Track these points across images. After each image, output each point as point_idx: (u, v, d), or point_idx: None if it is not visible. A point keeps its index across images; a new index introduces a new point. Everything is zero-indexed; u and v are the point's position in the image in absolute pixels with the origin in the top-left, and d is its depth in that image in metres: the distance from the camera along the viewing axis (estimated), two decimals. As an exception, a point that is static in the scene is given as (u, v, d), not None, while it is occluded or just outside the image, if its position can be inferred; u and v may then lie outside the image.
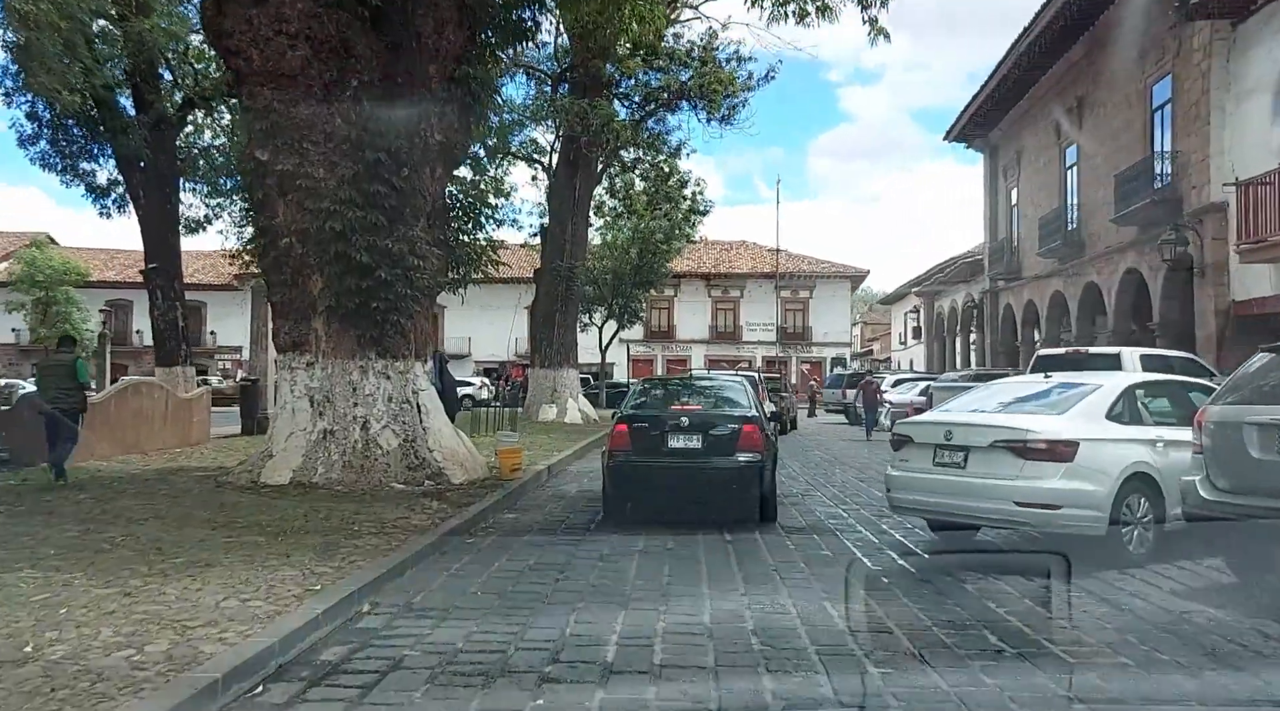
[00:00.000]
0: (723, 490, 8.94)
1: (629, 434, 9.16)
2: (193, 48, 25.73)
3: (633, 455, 9.07)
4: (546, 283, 27.13)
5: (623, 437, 9.19)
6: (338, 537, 7.38)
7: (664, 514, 9.17)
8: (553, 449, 16.77)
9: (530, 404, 27.09)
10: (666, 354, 60.98)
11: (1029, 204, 30.21)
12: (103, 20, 24.60)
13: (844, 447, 20.55)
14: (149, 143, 25.52)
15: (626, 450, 9.12)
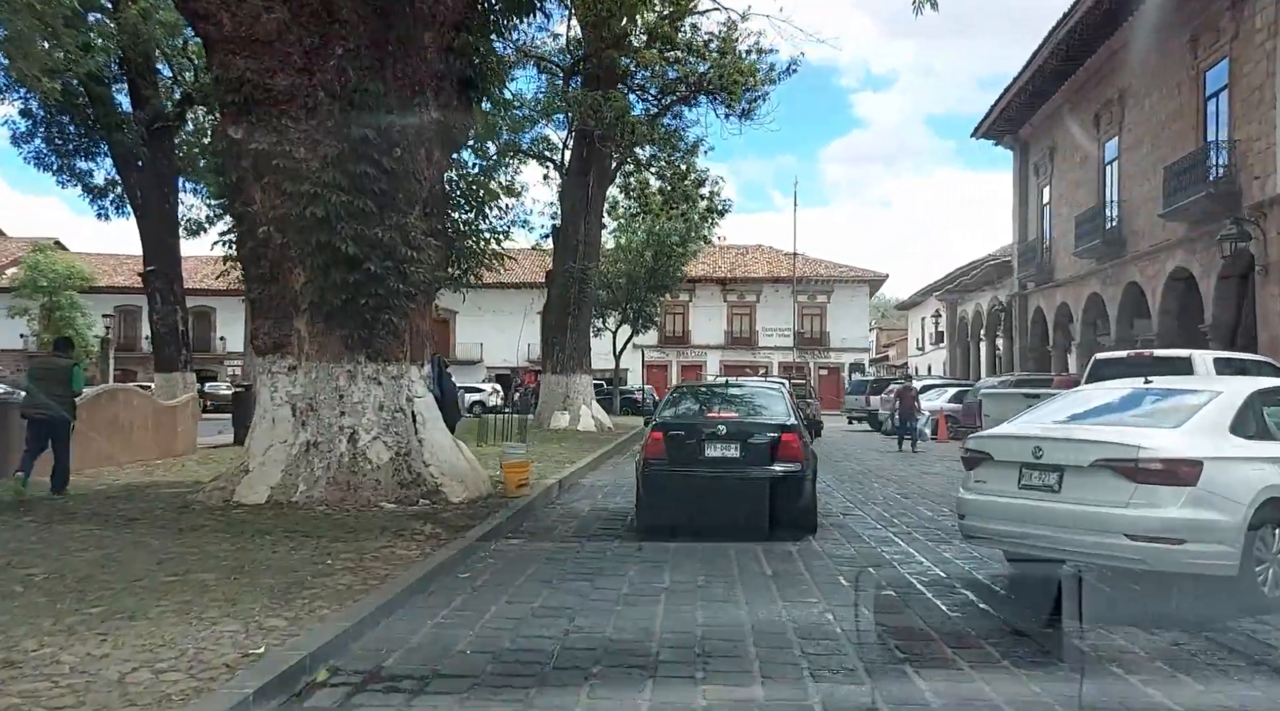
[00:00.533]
0: (762, 500, 8.53)
1: (664, 442, 8.97)
2: (192, 42, 24.64)
3: (668, 464, 8.88)
4: (558, 285, 25.92)
5: (658, 445, 8.99)
6: (304, 575, 6.15)
7: (696, 523, 8.72)
8: (564, 460, 15.54)
9: (542, 411, 25.87)
10: (681, 359, 59.72)
11: (1063, 202, 28.84)
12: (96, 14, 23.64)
13: (876, 459, 19.22)
14: (146, 140, 24.49)
15: (662, 459, 8.93)
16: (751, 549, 8.11)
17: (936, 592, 6.61)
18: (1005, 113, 31.42)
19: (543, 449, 17.64)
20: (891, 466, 17.01)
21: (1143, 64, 22.94)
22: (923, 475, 15.55)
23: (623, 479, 14.47)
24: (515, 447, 11.45)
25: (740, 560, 7.62)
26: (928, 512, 10.94)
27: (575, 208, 25.71)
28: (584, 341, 25.86)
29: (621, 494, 12.49)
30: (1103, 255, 24.87)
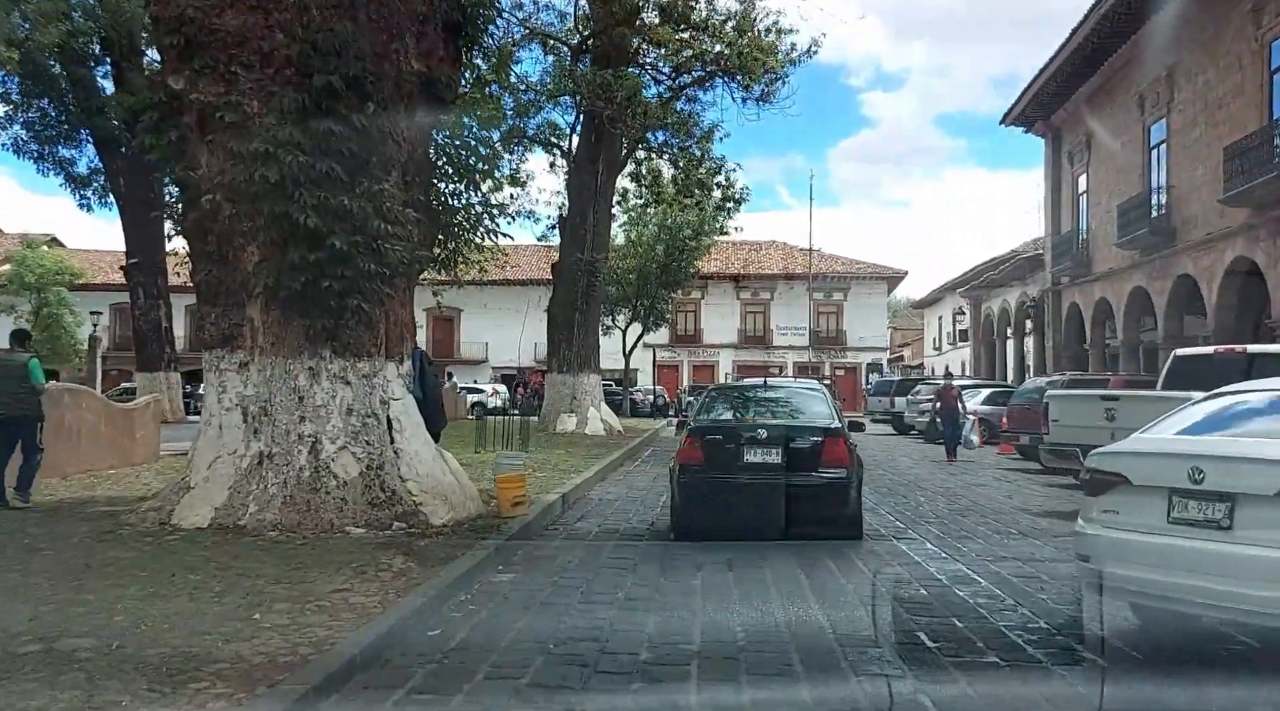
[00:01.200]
0: (806, 508, 8.18)
1: (701, 447, 8.56)
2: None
3: (705, 470, 8.44)
4: (565, 279, 24.35)
5: (694, 451, 8.57)
6: (212, 642, 4.58)
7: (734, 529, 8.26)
8: (570, 469, 13.96)
9: (547, 413, 24.32)
10: (693, 359, 58.10)
11: (1102, 191, 27.14)
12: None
13: (911, 467, 17.56)
14: (129, 125, 23.05)
15: (698, 465, 8.50)
16: (798, 587, 6.53)
17: (1055, 657, 4.99)
18: (1038, 97, 29.73)
19: (547, 456, 16.09)
20: (931, 476, 15.35)
21: (1195, 38, 21.25)
22: (971, 488, 13.91)
23: (634, 491, 12.88)
24: (511, 458, 9.88)
25: (786, 599, 6.05)
26: (992, 532, 9.33)
27: (583, 195, 24.15)
28: (592, 338, 24.30)
29: (634, 510, 10.90)
30: (1149, 246, 23.17)
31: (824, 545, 8.37)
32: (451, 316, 54.95)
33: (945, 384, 18.88)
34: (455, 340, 55.63)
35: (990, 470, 16.85)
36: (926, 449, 22.28)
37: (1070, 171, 30.15)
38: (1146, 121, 23.96)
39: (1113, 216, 26.12)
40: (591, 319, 24.24)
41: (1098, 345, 28.36)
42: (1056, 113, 30.20)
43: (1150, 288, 23.58)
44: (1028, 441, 16.58)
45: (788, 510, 8.10)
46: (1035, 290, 35.03)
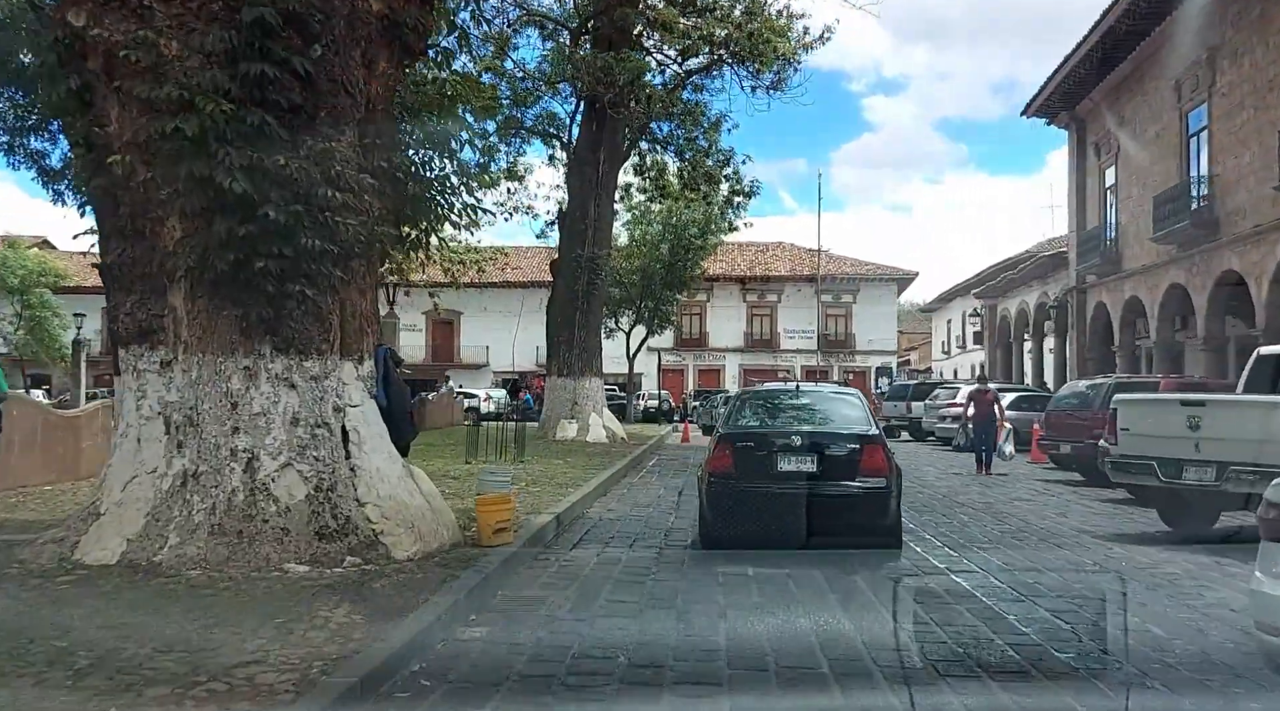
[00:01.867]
0: (843, 519, 7.94)
1: (732, 454, 8.24)
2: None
3: (736, 478, 8.12)
4: (564, 276, 22.92)
5: (725, 459, 8.23)
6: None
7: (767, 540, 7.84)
8: (567, 482, 12.51)
9: (546, 420, 22.87)
10: (698, 363, 56.62)
11: (1134, 183, 25.65)
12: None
13: (939, 477, 16.07)
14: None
15: (729, 473, 8.16)
16: (853, 651, 5.07)
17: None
18: (1062, 87, 28.27)
19: (544, 467, 14.64)
20: (965, 490, 13.84)
21: (1241, 18, 19.79)
22: (1014, 504, 12.43)
23: (638, 508, 11.41)
24: (497, 474, 8.41)
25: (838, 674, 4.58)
26: (1065, 566, 7.86)
27: (584, 188, 22.72)
28: (594, 340, 22.85)
29: (639, 532, 9.43)
30: (1189, 239, 21.68)
31: (870, 577, 6.92)
32: (451, 320, 53.58)
33: (980, 387, 17.27)
34: (455, 344, 54.20)
35: (1026, 482, 15.36)
36: (951, 457, 20.78)
37: (1096, 164, 28.66)
38: (1183, 108, 22.48)
39: (1145, 210, 24.64)
40: (593, 319, 22.80)
41: (1127, 347, 26.86)
42: (1081, 103, 28.73)
43: (1189, 285, 22.08)
44: (1069, 451, 15.09)
45: (823, 520, 7.73)
46: (1056, 290, 33.53)
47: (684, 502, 12.07)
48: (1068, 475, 16.42)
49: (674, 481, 14.96)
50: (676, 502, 12.07)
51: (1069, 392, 16.24)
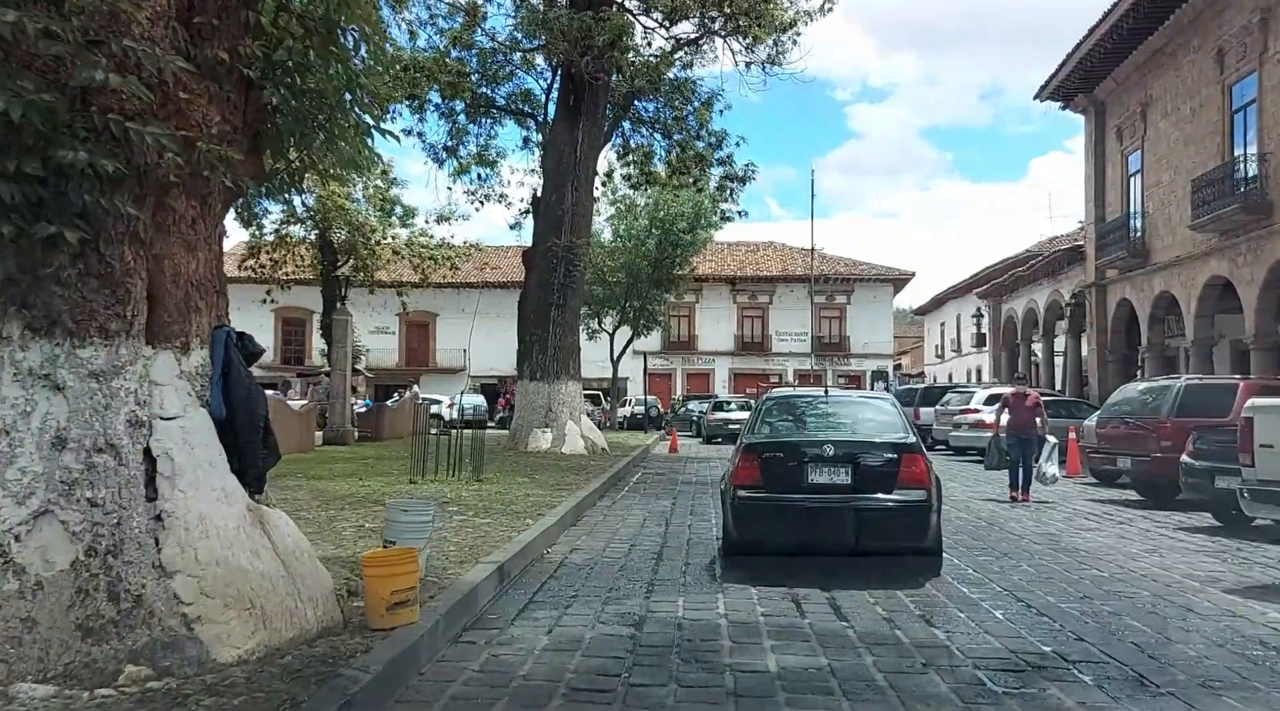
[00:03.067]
0: (880, 535, 7.39)
1: (759, 465, 7.66)
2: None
3: (764, 491, 7.57)
4: (538, 268, 20.47)
5: (751, 470, 7.66)
6: None
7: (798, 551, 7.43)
8: (528, 509, 10.06)
9: (517, 429, 20.40)
10: (687, 367, 54.24)
11: (1164, 167, 23.39)
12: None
13: (969, 499, 13.68)
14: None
15: (757, 485, 7.60)
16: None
17: None
18: (1082, 66, 26.02)
19: (502, 487, 12.19)
20: (1009, 518, 11.35)
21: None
22: (1080, 536, 10.05)
23: (615, 545, 8.95)
24: (412, 511, 5.96)
25: None
26: (1234, 659, 5.45)
27: (560, 169, 20.28)
28: (571, 338, 20.39)
29: (612, 589, 6.95)
30: (1236, 225, 19.40)
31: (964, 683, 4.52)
32: (426, 321, 51.06)
33: (1018, 389, 14.32)
34: (430, 347, 51.64)
35: (1076, 503, 13.00)
36: (974, 470, 18.43)
37: (1119, 150, 26.40)
38: (1227, 80, 20.21)
39: (1178, 196, 22.39)
40: (570, 315, 20.34)
41: (1156, 346, 24.59)
42: (1103, 83, 26.48)
43: (1235, 276, 19.81)
44: (1130, 466, 12.73)
45: (859, 537, 7.39)
46: (1069, 287, 31.30)
47: (673, 535, 9.63)
48: (1117, 492, 14.09)
49: (660, 503, 12.53)
50: (663, 536, 9.64)
51: (1123, 398, 13.85)
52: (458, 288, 50.47)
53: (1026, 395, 13.84)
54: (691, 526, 10.35)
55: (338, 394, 21.29)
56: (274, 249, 32.52)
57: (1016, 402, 13.65)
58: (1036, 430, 13.26)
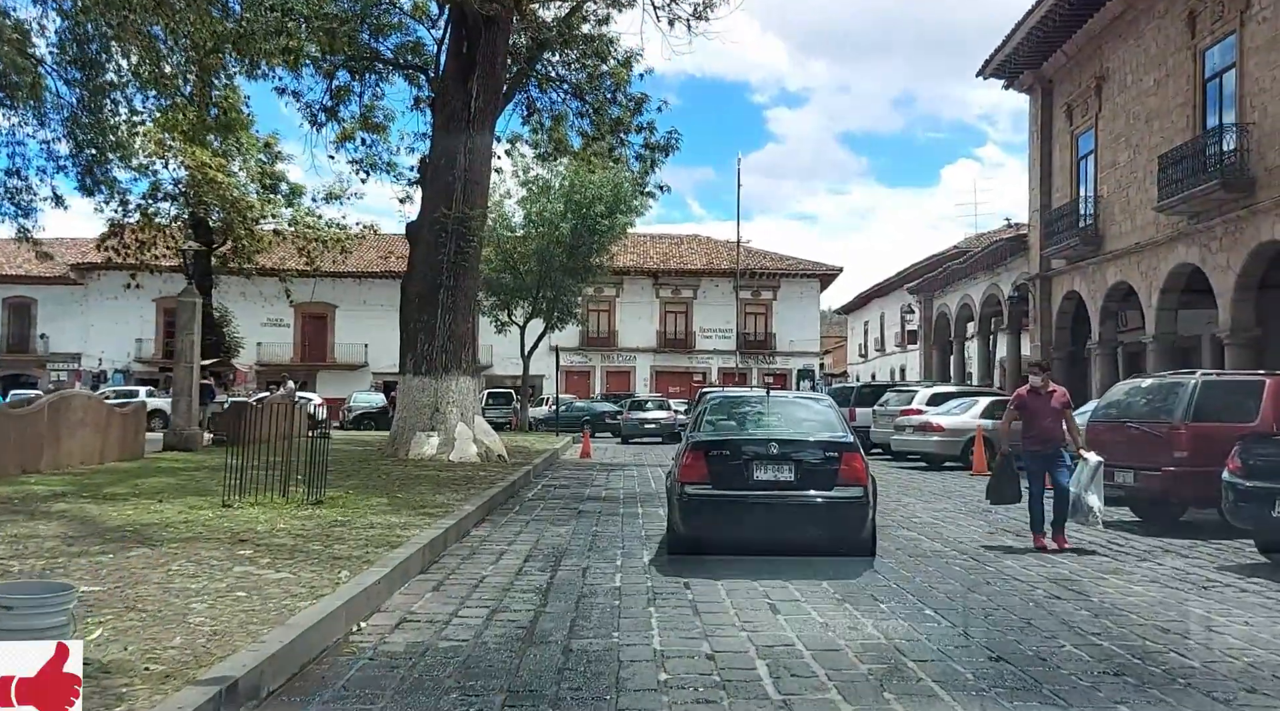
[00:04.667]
0: (820, 529, 7.82)
1: (706, 463, 7.85)
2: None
3: (710, 488, 7.77)
4: (425, 243, 17.47)
5: (698, 468, 7.84)
6: None
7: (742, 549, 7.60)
8: (357, 550, 7.15)
9: (398, 432, 17.37)
10: (606, 364, 51.45)
11: (1122, 147, 21.48)
12: None
13: (960, 535, 11.21)
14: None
15: (703, 482, 7.80)
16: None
17: None
18: (1029, 40, 24.06)
19: (348, 510, 9.32)
20: (1023, 578, 8.80)
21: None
22: (1101, 578, 7.57)
23: (474, 610, 6.10)
24: (15, 611, 3.02)
25: None
26: None
27: (451, 127, 17.30)
28: (463, 326, 17.41)
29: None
30: (1210, 206, 17.45)
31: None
32: (324, 313, 47.25)
33: (1038, 380, 9.29)
34: (328, 341, 47.80)
35: (1114, 536, 10.59)
36: (928, 480, 16.07)
37: (1068, 130, 24.50)
38: (1199, 45, 18.28)
39: (1139, 176, 20.49)
40: (462, 299, 17.36)
41: (1107, 342, 22.71)
42: (1052, 57, 24.54)
43: (1207, 263, 17.87)
44: (1133, 481, 10.36)
45: (800, 531, 7.78)
46: (1010, 280, 29.48)
47: (561, 588, 6.81)
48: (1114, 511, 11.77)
49: (555, 531, 9.70)
50: (545, 590, 6.81)
51: (1117, 397, 11.48)
52: (359, 277, 46.93)
53: (1050, 390, 9.14)
54: (590, 570, 7.57)
55: (182, 389, 17.91)
56: (142, 229, 28.83)
57: (1034, 402, 9.09)
58: (1065, 441, 9.02)
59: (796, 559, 7.57)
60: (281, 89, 21.03)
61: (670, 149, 20.24)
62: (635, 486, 14.93)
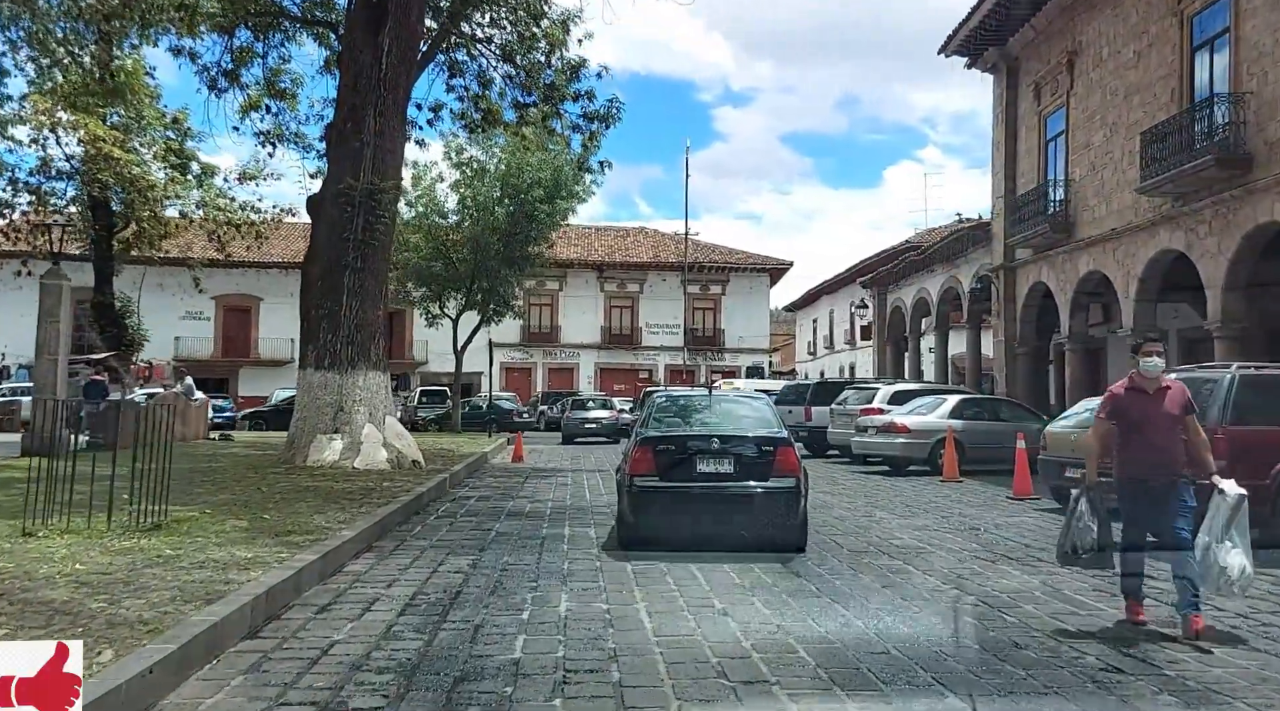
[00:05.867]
0: (757, 518, 8.30)
1: (654, 457, 8.45)
2: None
3: (658, 479, 8.35)
4: (329, 218, 15.30)
5: (646, 461, 8.44)
6: None
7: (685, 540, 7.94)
8: (159, 609, 5.08)
9: (295, 435, 15.17)
10: (548, 361, 49.40)
11: (1097, 126, 20.02)
12: None
13: (985, 593, 9.42)
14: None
15: (651, 474, 8.38)
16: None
17: None
18: (994, 15, 22.56)
19: (194, 537, 7.34)
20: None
21: None
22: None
23: (352, 703, 4.03)
24: None
25: None
26: None
27: (360, 86, 15.15)
28: (372, 314, 15.27)
29: None
30: (1200, 185, 15.98)
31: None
32: (247, 306, 44.46)
33: (1153, 359, 5.87)
34: (252, 336, 45.00)
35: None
36: (896, 488, 14.31)
37: (1036, 111, 23.05)
38: (1185, 9, 16.82)
39: (1116, 157, 19.06)
40: (371, 282, 15.21)
41: (1078, 336, 21.29)
42: (1019, 32, 23.06)
43: (1194, 249, 16.42)
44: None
45: (739, 519, 8.24)
46: (970, 272, 28.06)
47: (436, 664, 4.76)
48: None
49: (454, 564, 7.67)
50: (412, 668, 4.79)
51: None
52: (285, 268, 44.10)
53: (1164, 386, 5.90)
54: (485, 629, 5.58)
55: (45, 386, 15.48)
56: (35, 211, 26.13)
57: (1138, 404, 5.86)
58: (1184, 466, 5.79)
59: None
60: (178, 49, 18.79)
61: (611, 119, 18.28)
62: (566, 497, 12.93)
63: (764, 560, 7.70)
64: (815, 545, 8.59)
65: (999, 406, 18.36)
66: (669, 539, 8.00)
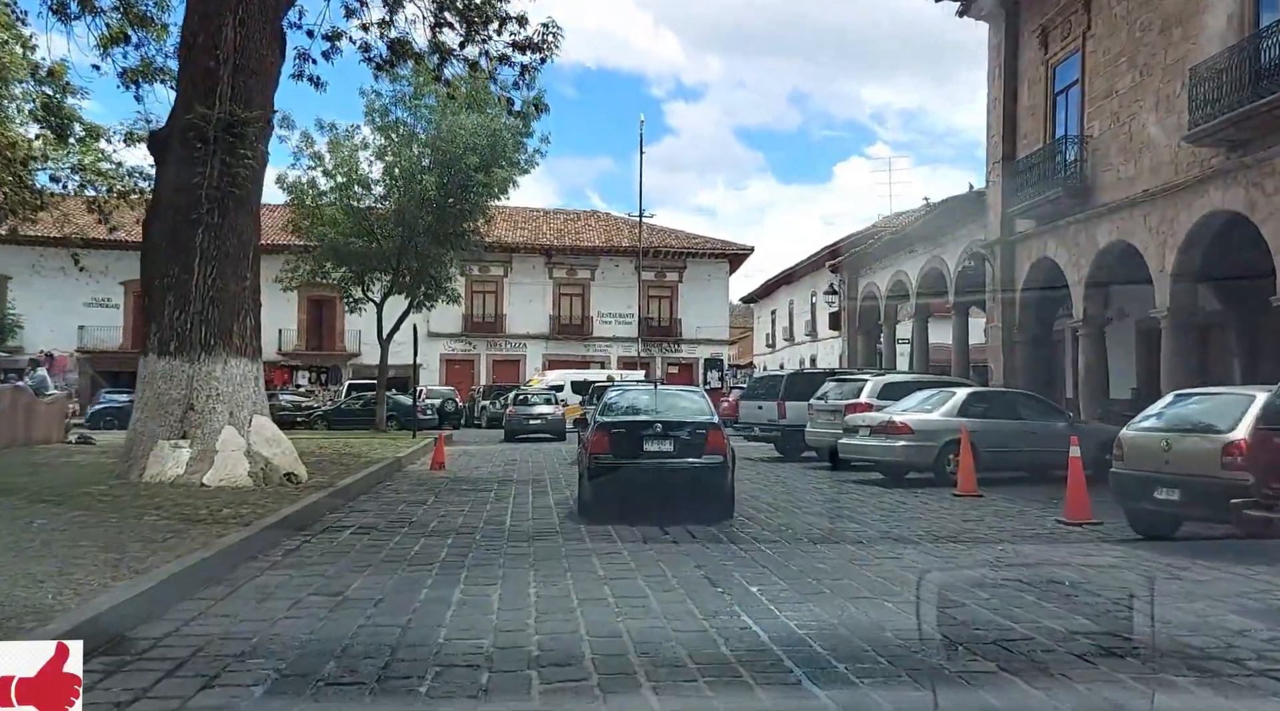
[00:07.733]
0: (692, 487, 10.09)
1: (609, 439, 10.24)
2: None
3: (612, 457, 10.08)
4: (175, 159, 11.75)
5: (603, 443, 10.21)
6: None
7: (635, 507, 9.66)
8: None
9: (133, 441, 11.60)
10: (493, 352, 45.85)
11: (1123, 69, 17.05)
12: None
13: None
14: None
15: (606, 453, 10.12)
16: None
17: None
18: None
19: None
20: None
21: None
22: None
23: None
24: None
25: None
26: None
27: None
28: (236, 285, 11.75)
29: None
30: (1268, 131, 13.04)
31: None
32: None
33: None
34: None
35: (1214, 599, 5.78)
36: (906, 506, 10.94)
37: (1042, 60, 20.08)
38: (1246, -80, 13.87)
39: (1150, 103, 16.14)
40: (233, 244, 11.68)
41: (1094, 320, 18.38)
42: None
43: (1256, 209, 13.49)
44: None
45: (678, 489, 10.06)
46: (957, 251, 25.12)
47: None
48: (1209, 559, 7.05)
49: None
50: None
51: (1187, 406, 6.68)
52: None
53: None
54: None
55: None
56: None
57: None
58: None
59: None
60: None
61: (546, 51, 14.85)
62: (480, 540, 9.12)
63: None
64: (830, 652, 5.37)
65: (1015, 401, 15.32)
66: (621, 507, 9.77)
